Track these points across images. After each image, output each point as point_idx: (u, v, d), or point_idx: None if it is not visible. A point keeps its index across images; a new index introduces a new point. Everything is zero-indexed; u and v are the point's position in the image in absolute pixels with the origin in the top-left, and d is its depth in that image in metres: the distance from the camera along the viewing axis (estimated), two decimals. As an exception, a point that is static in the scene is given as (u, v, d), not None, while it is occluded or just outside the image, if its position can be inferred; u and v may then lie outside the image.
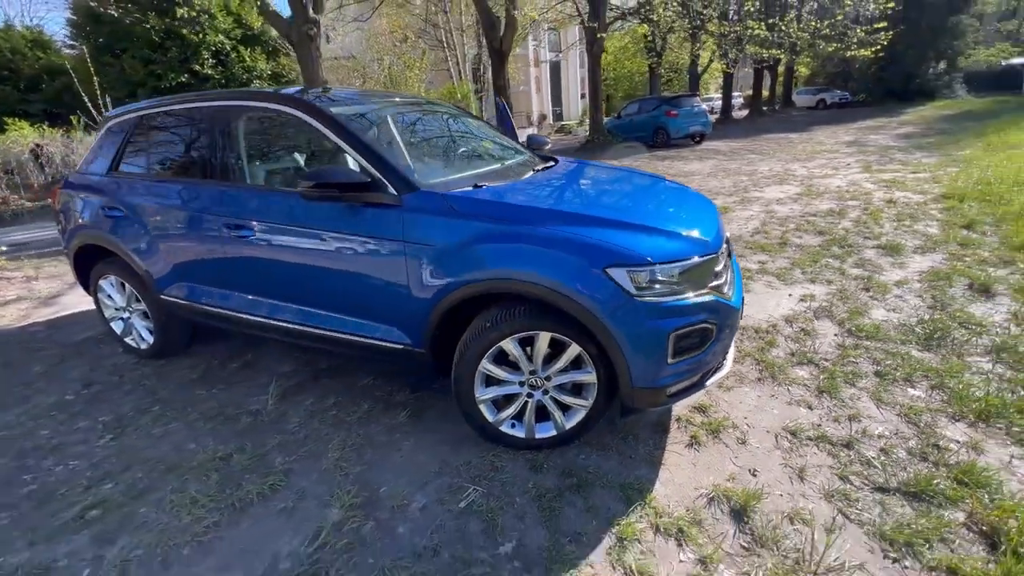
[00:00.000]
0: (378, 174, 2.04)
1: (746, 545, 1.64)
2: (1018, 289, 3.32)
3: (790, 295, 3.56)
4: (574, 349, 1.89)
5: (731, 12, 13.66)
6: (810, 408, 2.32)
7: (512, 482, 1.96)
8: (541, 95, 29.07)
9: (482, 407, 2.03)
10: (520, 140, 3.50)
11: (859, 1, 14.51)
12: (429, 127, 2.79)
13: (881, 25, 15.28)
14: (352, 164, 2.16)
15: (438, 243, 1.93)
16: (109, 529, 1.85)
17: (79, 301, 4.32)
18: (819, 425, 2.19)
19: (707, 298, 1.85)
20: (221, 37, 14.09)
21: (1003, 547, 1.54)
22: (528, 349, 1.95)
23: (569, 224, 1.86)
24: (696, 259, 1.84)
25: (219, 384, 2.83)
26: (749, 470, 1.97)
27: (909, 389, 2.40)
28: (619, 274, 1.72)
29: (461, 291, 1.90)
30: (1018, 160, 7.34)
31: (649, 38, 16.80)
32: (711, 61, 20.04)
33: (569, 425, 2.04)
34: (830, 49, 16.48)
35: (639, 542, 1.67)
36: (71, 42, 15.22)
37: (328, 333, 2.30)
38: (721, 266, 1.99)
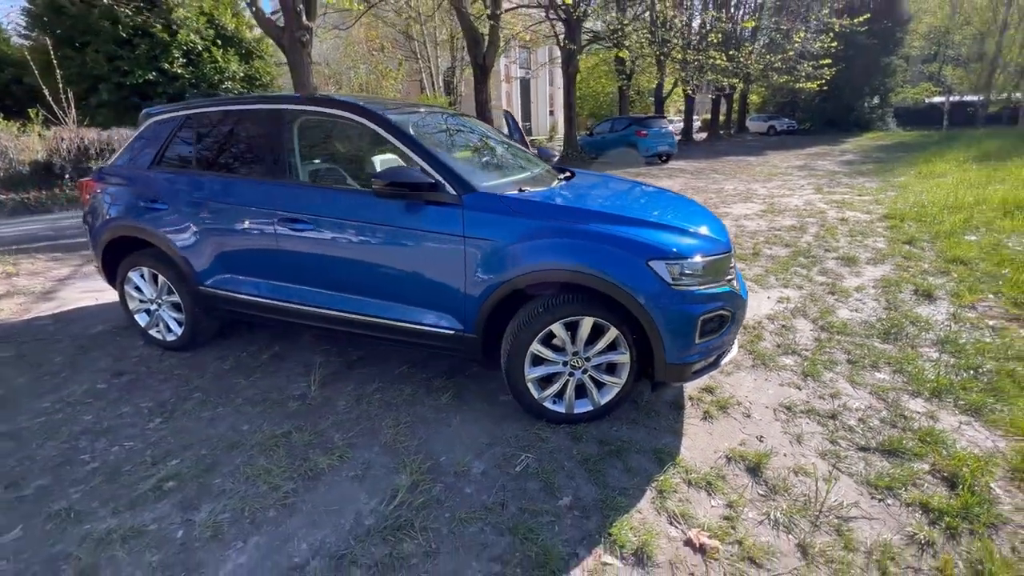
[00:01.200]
0: (439, 176, 2.28)
1: (763, 493, 1.98)
2: (954, 294, 3.90)
3: (768, 297, 4.02)
4: (612, 332, 2.19)
5: (695, 41, 14.67)
6: (799, 388, 2.72)
7: (558, 450, 2.22)
8: (512, 110, 29.75)
9: (530, 385, 2.29)
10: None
11: (806, 39, 15.89)
12: (463, 135, 3.05)
13: (826, 62, 16.82)
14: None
15: (497, 238, 2.19)
16: (190, 497, 1.97)
17: (79, 297, 4.26)
18: (808, 402, 2.58)
19: (725, 288, 2.20)
20: (194, 37, 13.78)
21: (960, 487, 1.94)
22: (571, 333, 2.23)
23: (613, 223, 2.17)
24: (716, 255, 2.20)
25: (255, 373, 2.94)
26: (757, 437, 2.32)
27: (876, 373, 2.85)
28: (659, 266, 2.05)
29: (517, 280, 2.16)
30: (945, 187, 8.34)
31: (618, 62, 17.72)
32: (675, 85, 21.27)
33: (603, 401, 2.33)
34: (781, 80, 17.95)
35: (676, 493, 1.97)
36: (25, 32, 14.45)
37: (380, 320, 2.50)
38: (732, 263, 2.35)
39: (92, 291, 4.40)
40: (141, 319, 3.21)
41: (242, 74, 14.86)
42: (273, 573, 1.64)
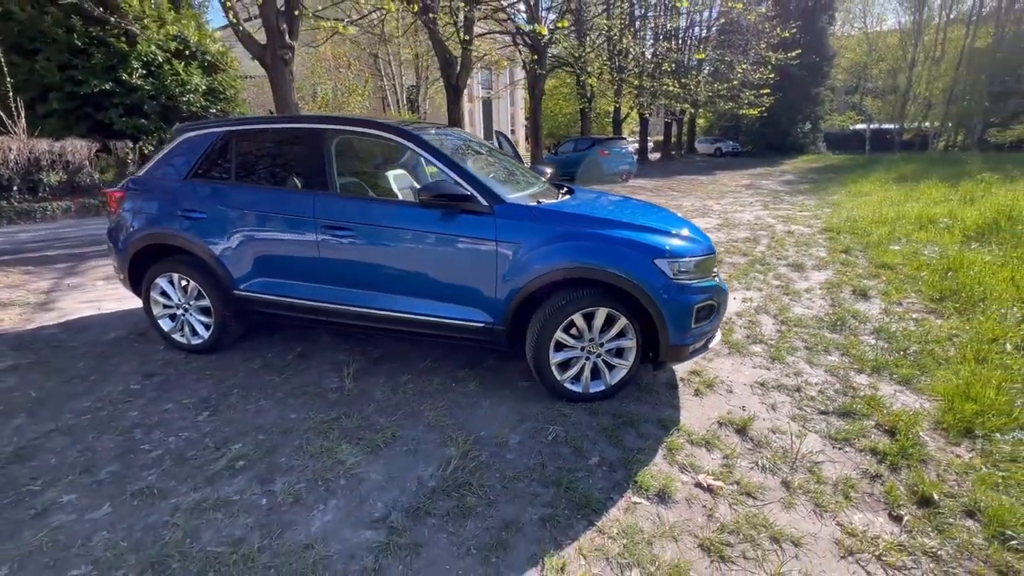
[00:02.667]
0: (472, 189, 2.64)
1: (750, 447, 2.42)
2: (884, 293, 4.61)
3: (735, 298, 4.59)
4: (622, 321, 2.60)
5: (650, 69, 15.82)
6: (768, 369, 3.23)
7: (579, 423, 2.59)
8: (474, 129, 30.39)
9: (554, 368, 2.66)
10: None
11: (747, 70, 17.46)
12: (477, 153, 3.42)
13: (765, 91, 18.49)
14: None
15: (526, 242, 2.57)
16: (262, 473, 2.19)
17: (79, 307, 4.25)
18: (777, 379, 3.09)
19: (712, 283, 2.67)
20: (154, 48, 13.47)
21: (898, 435, 2.46)
22: (587, 322, 2.62)
23: (621, 229, 2.61)
24: (704, 256, 2.67)
25: (286, 371, 3.15)
26: (740, 407, 2.78)
27: (828, 356, 3.41)
28: (663, 264, 2.49)
29: (543, 278, 2.54)
30: (871, 204, 9.46)
31: (580, 85, 18.74)
32: (632, 109, 22.61)
33: (614, 381, 2.73)
34: (727, 107, 19.53)
35: (682, 450, 2.38)
36: (-37, 36, 13.61)
37: (417, 316, 2.80)
38: (714, 263, 2.84)
39: (91, 301, 4.40)
40: (165, 324, 3.34)
41: (204, 87, 14.59)
42: (358, 526, 1.91)
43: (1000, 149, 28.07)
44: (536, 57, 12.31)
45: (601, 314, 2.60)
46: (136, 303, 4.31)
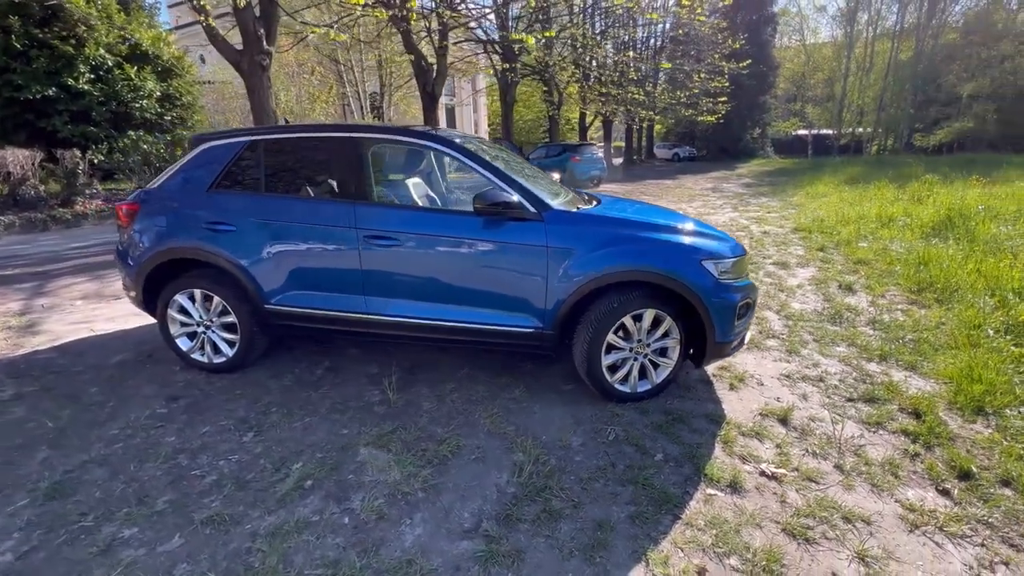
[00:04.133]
0: (518, 197, 2.68)
1: (797, 436, 2.57)
2: (867, 287, 4.97)
3: (736, 296, 4.82)
4: (667, 321, 2.70)
5: (615, 78, 16.32)
6: (788, 362, 3.42)
7: (633, 422, 2.66)
8: (439, 135, 30.23)
9: (605, 370, 2.72)
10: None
11: (705, 79, 18.35)
12: (507, 161, 3.44)
13: (723, 99, 19.45)
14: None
15: (578, 247, 2.63)
16: (336, 491, 2.13)
17: (70, 329, 3.95)
18: (799, 371, 3.27)
19: (747, 282, 2.82)
20: (103, 51, 12.67)
21: (923, 417, 2.68)
22: (636, 324, 2.70)
23: (666, 232, 2.72)
24: (740, 257, 2.81)
25: (321, 386, 3.05)
26: (775, 398, 2.94)
27: (836, 347, 3.64)
28: (709, 265, 2.61)
29: (595, 282, 2.60)
30: (831, 205, 10.13)
31: (549, 93, 19.06)
32: (596, 116, 23.20)
33: (659, 380, 2.83)
34: (686, 114, 20.38)
35: (736, 442, 2.50)
36: None
37: (465, 324, 2.79)
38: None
39: (80, 323, 4.09)
40: (183, 343, 3.16)
41: (159, 93, 13.85)
42: (452, 537, 1.89)
43: (925, 152, 30.69)
44: (509, 65, 12.45)
45: (649, 315, 2.68)
46: (133, 322, 4.07)
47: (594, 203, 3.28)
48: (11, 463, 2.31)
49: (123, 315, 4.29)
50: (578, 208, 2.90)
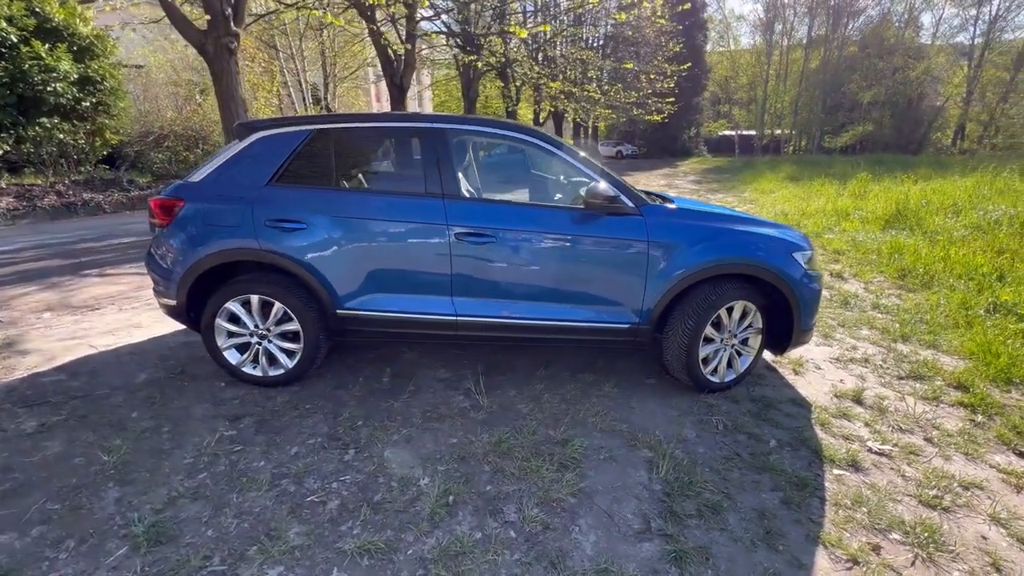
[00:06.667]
0: (617, 192, 2.65)
1: (877, 414, 2.76)
2: (855, 275, 5.44)
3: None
4: (753, 312, 2.80)
5: (573, 76, 16.62)
6: (829, 347, 3.66)
7: (730, 411, 2.74)
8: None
9: (700, 362, 2.77)
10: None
11: (654, 80, 19.19)
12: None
13: (670, 100, 20.41)
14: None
15: (678, 241, 2.65)
16: (483, 505, 2.00)
17: (67, 347, 3.38)
18: (844, 354, 3.52)
19: (819, 273, 2.98)
20: (3, 23, 10.95)
21: (970, 389, 2.98)
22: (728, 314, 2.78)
23: (755, 226, 2.81)
24: (813, 250, 2.97)
25: (401, 395, 2.85)
26: (839, 380, 3.14)
27: (861, 331, 3.96)
28: (798, 256, 2.73)
29: (697, 275, 2.64)
30: (785, 200, 10.96)
31: (507, 89, 18.99)
32: (549, 115, 23.48)
33: (742, 369, 2.93)
34: (636, 113, 21.18)
35: (830, 424, 2.64)
36: None
37: (558, 323, 2.72)
38: None
39: (71, 339, 3.52)
40: (232, 356, 2.82)
41: (76, 75, 12.21)
42: (629, 540, 1.85)
43: (833, 153, 34.05)
44: (473, 59, 12.26)
45: (739, 306, 2.77)
46: (137, 335, 3.60)
47: (664, 200, 3.32)
48: (79, 507, 1.95)
49: (119, 328, 3.76)
50: (663, 203, 2.92)
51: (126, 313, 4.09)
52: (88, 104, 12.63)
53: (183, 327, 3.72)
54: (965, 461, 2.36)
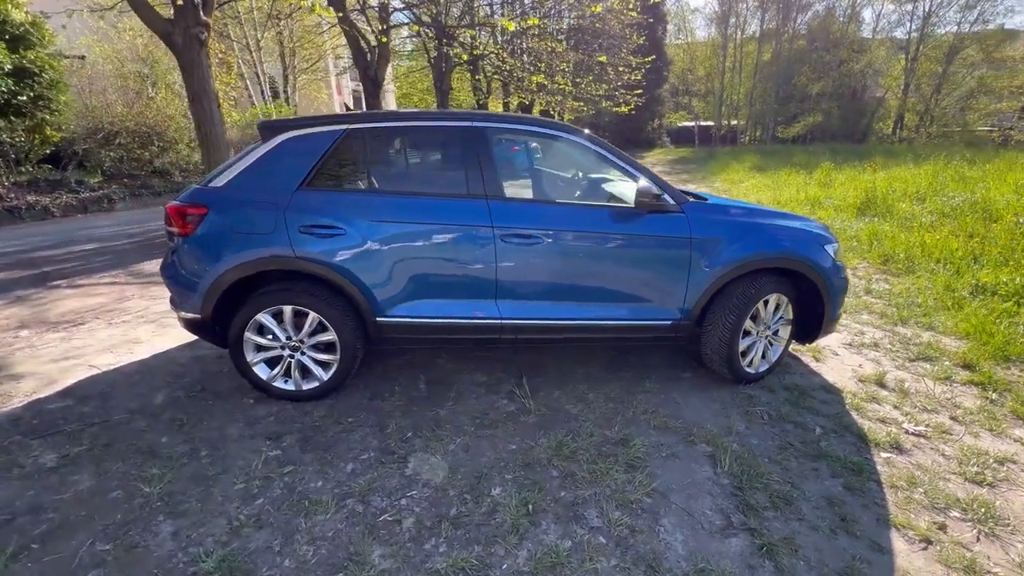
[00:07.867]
0: (659, 190, 2.65)
1: (901, 396, 2.91)
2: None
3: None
4: (785, 304, 2.89)
5: (543, 69, 16.62)
6: (838, 332, 3.82)
7: (771, 402, 2.82)
8: (347, 123, 28.30)
9: (739, 355, 2.83)
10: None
11: (623, 72, 19.44)
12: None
13: (637, 92, 20.73)
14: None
15: (720, 237, 2.68)
16: (561, 512, 1.98)
17: (64, 369, 3.10)
18: (854, 340, 3.69)
19: (844, 265, 3.10)
20: (-78, 9, 9.86)
21: (976, 368, 3.18)
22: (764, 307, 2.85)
23: (787, 220, 2.89)
24: (838, 243, 3.08)
25: (444, 402, 2.78)
26: (858, 365, 3.29)
27: (862, 316, 4.16)
28: (829, 248, 2.83)
29: (739, 269, 2.68)
30: (757, 190, 11.37)
31: (477, 81, 18.74)
32: (519, 106, 23.33)
33: (774, 359, 3.02)
34: (605, 105, 21.42)
35: (863, 408, 2.76)
36: None
37: (602, 322, 2.72)
38: None
39: (66, 359, 3.23)
40: (261, 371, 2.67)
41: (10, 66, 11.18)
42: (715, 536, 1.88)
43: (786, 142, 35.59)
44: (452, 51, 12.01)
45: (774, 299, 2.84)
46: (139, 352, 3.35)
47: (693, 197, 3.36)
48: (135, 546, 1.80)
49: (117, 344, 3.48)
50: (695, 199, 2.95)
51: (119, 328, 3.80)
52: (26, 98, 11.60)
53: (187, 340, 3.52)
54: (992, 437, 2.52)
